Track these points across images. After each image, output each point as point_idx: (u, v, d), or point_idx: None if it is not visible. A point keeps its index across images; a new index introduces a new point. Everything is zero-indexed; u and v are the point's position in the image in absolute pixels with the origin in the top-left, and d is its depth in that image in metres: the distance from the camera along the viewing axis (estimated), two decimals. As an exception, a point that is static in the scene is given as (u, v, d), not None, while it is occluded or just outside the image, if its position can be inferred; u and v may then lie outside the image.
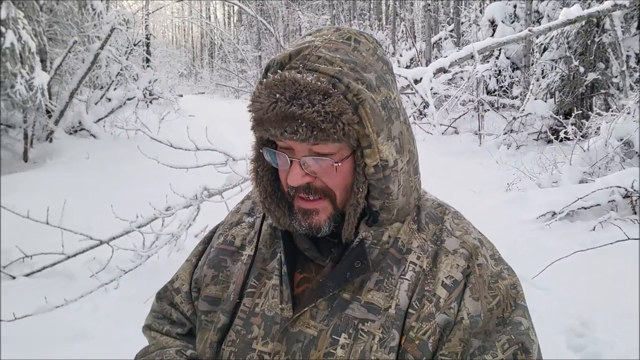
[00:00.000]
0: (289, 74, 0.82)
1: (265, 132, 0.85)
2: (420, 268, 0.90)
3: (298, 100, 0.80)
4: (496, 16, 11.84)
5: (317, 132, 0.81)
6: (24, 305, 3.33)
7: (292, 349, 0.88)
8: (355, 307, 0.88)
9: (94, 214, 4.83)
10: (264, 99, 0.83)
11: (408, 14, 23.71)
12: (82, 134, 10.34)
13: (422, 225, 0.95)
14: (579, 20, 4.15)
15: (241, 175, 3.82)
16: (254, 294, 0.94)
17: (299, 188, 0.88)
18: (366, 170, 0.86)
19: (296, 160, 0.85)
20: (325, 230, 0.89)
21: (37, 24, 7.25)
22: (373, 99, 0.84)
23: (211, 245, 1.09)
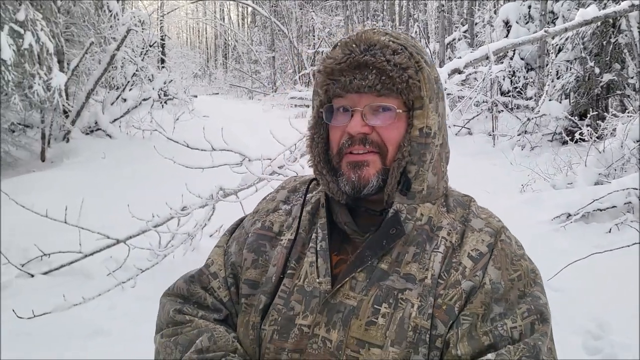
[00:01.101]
0: (364, 33, 0.95)
1: (334, 84, 0.94)
2: (450, 243, 0.95)
3: (371, 51, 0.92)
4: (510, 17, 11.77)
5: (385, 78, 0.91)
6: (42, 302, 3.37)
7: (332, 319, 0.91)
8: (395, 278, 0.92)
9: (110, 213, 4.88)
10: (338, 54, 0.94)
11: (421, 14, 23.64)
12: (98, 134, 10.45)
13: (451, 208, 1.01)
14: (595, 20, 4.12)
15: (256, 176, 3.84)
16: (293, 275, 0.98)
17: (354, 140, 0.94)
18: (412, 132, 0.94)
19: (358, 109, 0.93)
20: (372, 184, 0.95)
21: (55, 25, 7.35)
22: (429, 71, 0.95)
23: (246, 230, 1.10)
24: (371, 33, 0.95)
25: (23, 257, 4.17)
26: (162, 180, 6.32)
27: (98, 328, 3.23)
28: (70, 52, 10.03)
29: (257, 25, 35.61)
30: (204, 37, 52.59)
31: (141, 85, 11.40)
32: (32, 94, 6.75)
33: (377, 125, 0.93)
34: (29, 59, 6.54)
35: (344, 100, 0.95)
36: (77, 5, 9.81)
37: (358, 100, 0.93)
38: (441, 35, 15.19)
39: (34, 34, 6.51)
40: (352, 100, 0.94)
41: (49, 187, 6.15)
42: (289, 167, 3.89)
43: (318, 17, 26.80)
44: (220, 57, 45.50)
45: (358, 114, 0.93)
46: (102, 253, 4.09)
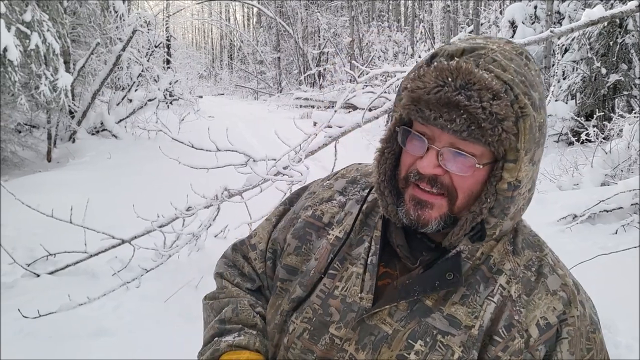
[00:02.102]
0: (465, 63, 0.80)
1: (417, 113, 0.83)
2: (508, 293, 0.88)
3: (467, 91, 0.79)
4: (516, 17, 11.73)
5: (475, 128, 0.79)
6: (48, 302, 3.39)
7: (363, 339, 0.88)
8: (437, 317, 0.87)
9: (115, 214, 4.90)
10: (429, 80, 0.81)
11: (427, 15, 23.62)
12: (104, 135, 10.50)
13: (518, 249, 0.92)
14: (601, 21, 4.09)
15: (261, 176, 3.84)
16: (335, 276, 0.94)
17: (423, 177, 0.85)
18: (499, 184, 0.84)
19: (435, 148, 0.84)
20: (432, 227, 0.87)
21: (61, 26, 7.38)
22: (534, 117, 0.82)
23: (296, 211, 1.08)
24: (473, 65, 0.81)
25: (29, 257, 4.18)
26: (167, 180, 6.33)
27: (103, 328, 3.24)
28: (77, 52, 10.08)
29: (263, 25, 35.65)
30: (209, 38, 52.71)
31: (147, 85, 11.44)
32: (39, 95, 6.78)
33: (451, 171, 0.84)
34: (36, 60, 6.57)
35: (425, 128, 0.85)
36: (84, 6, 9.85)
37: (439, 135, 0.83)
38: (447, 36, 15.16)
39: (40, 34, 6.54)
40: (432, 133, 0.84)
41: (55, 187, 6.18)
42: (294, 168, 3.89)
43: (323, 18, 26.81)
44: (225, 58, 45.58)
45: (434, 153, 0.83)
46: (107, 253, 4.10)
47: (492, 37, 0.90)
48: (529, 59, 0.87)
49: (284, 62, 30.94)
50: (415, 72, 0.85)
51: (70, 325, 3.22)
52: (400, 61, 18.44)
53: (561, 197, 5.90)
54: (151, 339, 3.14)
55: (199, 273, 3.94)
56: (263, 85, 31.88)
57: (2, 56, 5.72)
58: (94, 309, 3.45)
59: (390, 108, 4.25)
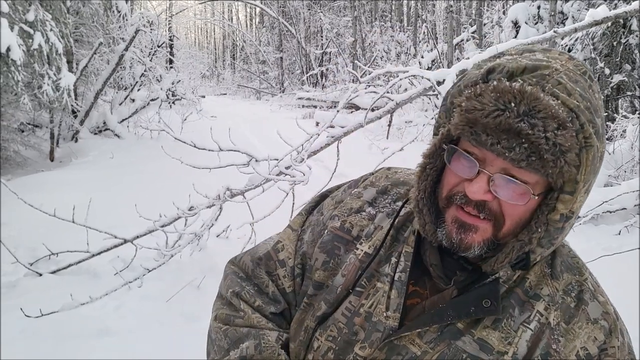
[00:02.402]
0: (531, 88, 0.74)
1: (471, 135, 0.76)
2: (546, 320, 0.84)
3: (532, 119, 0.72)
4: (519, 17, 11.70)
5: (535, 159, 0.73)
6: (50, 301, 3.39)
7: (390, 359, 0.85)
8: (467, 340, 0.83)
9: (118, 213, 4.90)
10: (489, 102, 0.74)
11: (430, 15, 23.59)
12: (107, 134, 10.52)
13: (557, 272, 0.88)
14: (605, 21, 4.08)
15: (263, 176, 3.83)
16: (361, 294, 0.90)
17: (470, 201, 0.80)
18: (551, 214, 0.79)
19: (486, 173, 0.78)
20: (474, 252, 0.82)
21: (64, 25, 7.39)
22: (597, 147, 0.77)
23: (324, 221, 1.02)
24: (539, 89, 0.74)
25: (31, 256, 4.19)
26: (169, 180, 6.33)
27: (105, 327, 3.24)
28: (79, 52, 10.10)
29: (265, 25, 35.65)
30: (212, 38, 52.75)
31: (149, 85, 11.46)
32: (42, 94, 6.79)
33: (502, 198, 0.78)
34: (39, 59, 6.58)
35: (475, 149, 0.78)
36: (87, 5, 9.87)
37: (492, 160, 0.77)
38: (449, 36, 15.13)
39: (43, 34, 6.55)
40: (483, 155, 0.78)
41: (58, 186, 6.18)
42: (296, 168, 3.88)
43: (326, 18, 26.81)
44: (228, 58, 45.60)
45: (485, 178, 0.78)
46: (109, 252, 4.10)
47: (551, 50, 0.83)
48: (592, 79, 0.81)
49: (287, 62, 30.94)
50: (470, 89, 0.78)
51: (72, 325, 3.22)
52: (403, 61, 18.43)
53: (564, 198, 5.87)
54: (153, 339, 3.13)
55: (201, 273, 3.94)
56: (265, 85, 31.88)
57: (6, 56, 5.73)
58: (95, 308, 3.45)
59: (393, 108, 4.25)
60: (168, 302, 3.58)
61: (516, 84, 0.75)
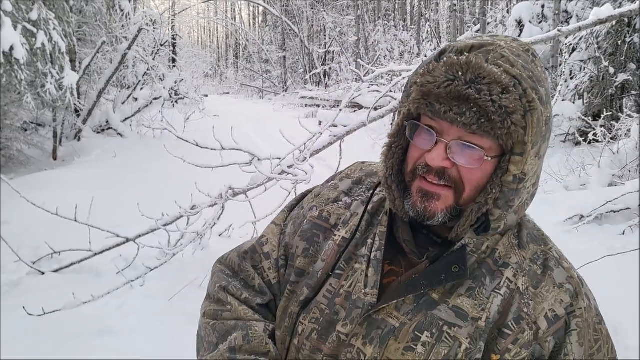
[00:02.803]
0: (475, 58, 0.82)
1: (426, 107, 0.84)
2: (515, 286, 0.90)
3: (477, 85, 0.80)
4: (523, 16, 11.67)
5: (485, 122, 0.81)
6: (52, 300, 3.39)
7: (370, 334, 0.89)
8: (443, 309, 0.88)
9: (120, 212, 4.90)
10: (439, 74, 0.82)
11: (433, 14, 23.55)
12: (109, 133, 10.53)
13: (523, 243, 0.94)
14: (610, 20, 4.05)
15: (266, 175, 3.83)
16: (341, 276, 0.95)
17: (431, 170, 0.86)
18: (505, 177, 0.86)
19: (443, 141, 0.85)
20: (438, 219, 0.88)
21: (67, 24, 7.39)
22: (542, 111, 0.84)
23: (304, 213, 1.08)
24: (482, 60, 0.82)
25: (34, 255, 4.19)
26: (171, 179, 6.33)
27: (107, 326, 3.24)
28: (82, 51, 10.11)
29: (268, 24, 35.66)
30: (215, 37, 52.78)
31: (152, 84, 11.47)
32: (45, 93, 6.80)
33: (459, 163, 0.85)
34: (42, 58, 6.59)
35: (433, 122, 0.86)
36: (90, 4, 9.87)
37: (447, 129, 0.84)
38: (453, 35, 15.11)
39: (46, 33, 6.55)
40: (440, 127, 0.85)
41: (60, 185, 6.19)
42: (299, 167, 3.87)
43: (329, 17, 26.79)
44: (231, 57, 45.63)
45: (442, 146, 0.85)
46: (111, 251, 4.10)
47: (498, 35, 0.91)
48: (535, 56, 0.88)
49: (290, 61, 30.93)
50: (424, 67, 0.86)
51: (74, 324, 3.22)
52: (406, 60, 18.41)
53: (568, 198, 5.86)
54: (155, 338, 3.13)
55: (203, 272, 3.93)
56: (268, 84, 31.89)
57: (9, 54, 5.74)
58: (98, 307, 3.45)
59: (396, 107, 4.23)
60: (170, 301, 3.58)
61: (462, 57, 0.83)
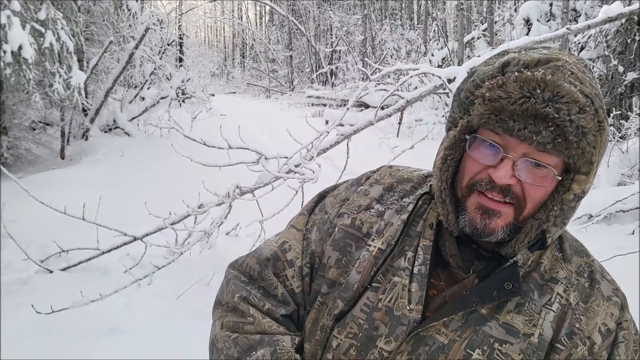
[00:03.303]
0: (552, 76, 0.79)
1: (496, 123, 0.81)
2: (567, 301, 0.88)
3: (556, 104, 0.78)
4: (531, 15, 11.60)
5: (561, 141, 0.79)
6: (60, 298, 3.40)
7: (417, 350, 0.87)
8: (493, 325, 0.86)
9: (128, 211, 4.91)
10: (513, 91, 0.80)
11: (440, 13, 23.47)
12: (117, 132, 10.56)
13: (567, 256, 0.93)
14: (619, 17, 4.02)
15: (273, 174, 3.82)
16: (378, 289, 0.92)
17: (495, 186, 0.84)
18: (566, 194, 0.85)
19: (511, 158, 0.82)
20: (497, 236, 0.86)
21: (75, 24, 7.42)
22: (607, 131, 0.84)
23: (330, 219, 1.03)
24: (560, 77, 0.80)
25: (42, 253, 4.21)
26: (179, 178, 6.34)
27: (115, 325, 3.24)
28: (90, 50, 10.14)
29: (275, 24, 35.66)
30: (221, 36, 52.87)
31: (159, 83, 11.49)
32: (53, 92, 6.82)
33: (527, 181, 0.83)
34: (50, 58, 6.61)
35: (498, 138, 0.83)
36: (97, 4, 9.90)
37: (515, 145, 0.81)
38: (460, 34, 15.05)
39: (54, 32, 6.57)
40: (507, 143, 0.82)
41: (68, 184, 6.21)
42: (306, 166, 3.87)
43: (336, 16, 26.76)
44: (237, 56, 45.68)
45: (509, 163, 0.82)
46: (119, 250, 4.11)
47: (552, 47, 0.90)
48: (592, 72, 0.87)
49: (296, 60, 30.93)
50: (491, 81, 0.83)
51: (82, 322, 3.23)
52: (413, 59, 18.36)
53: (576, 197, 5.81)
54: (162, 337, 3.13)
55: (210, 271, 3.93)
56: (275, 84, 31.91)
57: (17, 54, 5.76)
58: (105, 305, 3.45)
59: (403, 106, 4.22)
60: (178, 300, 3.58)
61: (538, 73, 0.80)
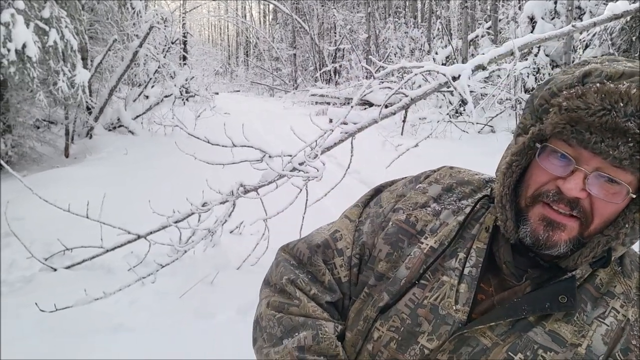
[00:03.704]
0: (637, 90, 0.77)
1: (571, 134, 0.79)
2: (624, 317, 0.86)
3: (638, 119, 0.76)
4: (535, 13, 11.56)
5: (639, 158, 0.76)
6: (64, 296, 3.40)
7: (459, 349, 0.86)
8: (539, 332, 0.84)
9: (131, 209, 4.92)
10: (594, 102, 0.78)
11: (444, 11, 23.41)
12: (121, 131, 10.58)
13: (627, 271, 0.91)
14: (625, 15, 4.00)
15: (277, 172, 3.82)
16: (425, 287, 0.92)
17: (562, 198, 0.82)
18: (638, 214, 0.83)
19: (582, 170, 0.80)
20: (560, 250, 0.84)
21: (79, 22, 7.43)
22: None
23: (385, 212, 1.04)
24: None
25: (46, 251, 4.22)
26: (183, 176, 6.35)
27: (118, 323, 3.25)
28: (94, 49, 10.16)
29: (279, 22, 35.65)
30: (225, 35, 52.88)
31: (163, 82, 11.51)
32: (57, 91, 6.83)
33: (598, 196, 0.80)
34: (54, 56, 6.62)
35: (571, 149, 0.81)
36: (101, 3, 9.91)
37: (588, 158, 0.79)
38: (464, 32, 15.00)
39: (58, 31, 6.58)
40: (580, 155, 0.80)
41: (72, 182, 6.22)
42: (310, 164, 3.86)
43: (339, 14, 26.73)
44: (241, 55, 45.69)
45: (581, 175, 0.80)
46: (123, 248, 4.11)
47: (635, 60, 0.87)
48: None
49: (300, 58, 30.92)
50: (569, 90, 0.82)
51: (86, 321, 3.23)
52: (417, 58, 18.33)
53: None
54: (166, 335, 3.13)
55: (214, 269, 3.94)
56: (279, 82, 31.91)
57: (21, 52, 5.77)
58: (109, 304, 3.45)
59: (408, 104, 4.20)
60: (181, 298, 3.58)
61: (622, 85, 0.77)
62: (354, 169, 6.14)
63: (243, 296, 3.45)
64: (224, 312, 3.42)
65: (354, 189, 5.92)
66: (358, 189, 6.02)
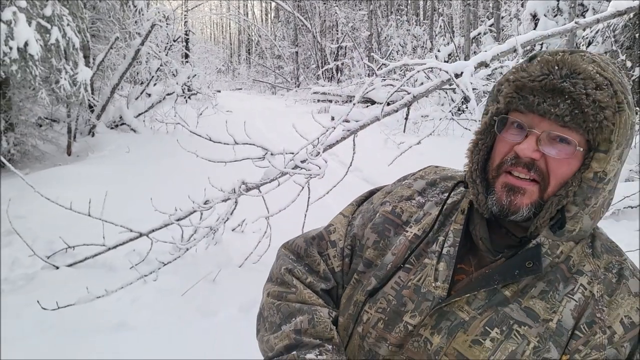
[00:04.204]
0: (570, 57, 0.88)
1: (519, 100, 0.88)
2: (590, 293, 0.91)
3: (573, 79, 0.85)
4: (538, 10, 11.53)
5: (578, 113, 0.84)
6: (66, 294, 3.40)
7: (439, 324, 0.91)
8: (515, 308, 0.90)
9: (134, 207, 4.92)
10: (534, 70, 0.88)
11: (446, 8, 23.36)
12: (123, 129, 10.59)
13: (597, 252, 0.96)
14: (629, 11, 3.98)
15: (279, 170, 3.81)
16: (410, 270, 0.98)
17: (519, 161, 0.89)
18: (585, 173, 0.89)
19: (535, 132, 0.87)
20: (522, 214, 0.90)
21: (81, 20, 7.42)
22: (629, 114, 0.88)
23: (374, 207, 1.11)
24: (578, 58, 0.88)
25: (48, 249, 4.22)
26: (185, 174, 6.35)
27: (121, 321, 3.25)
28: (96, 47, 10.16)
29: (281, 20, 35.62)
30: (227, 33, 52.86)
31: (165, 80, 11.50)
32: (59, 89, 6.83)
33: (550, 155, 0.88)
34: (56, 54, 6.62)
35: (523, 117, 0.89)
36: (103, 0, 9.91)
37: (538, 122, 0.87)
38: (466, 30, 14.97)
39: (60, 29, 6.58)
40: (531, 120, 0.88)
41: (75, 180, 6.23)
42: (312, 161, 3.85)
43: (341, 12, 26.69)
44: (243, 53, 45.68)
45: (533, 137, 0.87)
46: (125, 246, 4.11)
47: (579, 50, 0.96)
48: (621, 69, 0.93)
49: (302, 56, 30.89)
50: (517, 67, 0.92)
51: (88, 318, 3.24)
52: (419, 55, 18.30)
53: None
54: (168, 333, 3.13)
55: (216, 267, 3.93)
56: (281, 80, 31.89)
57: (23, 50, 5.77)
58: (111, 302, 3.45)
59: (410, 101, 4.19)
60: (183, 296, 3.58)
61: (558, 56, 0.88)
62: (356, 167, 6.14)
63: (245, 294, 3.45)
64: (226, 309, 3.42)
65: (356, 186, 5.91)
66: (360, 187, 6.01)
